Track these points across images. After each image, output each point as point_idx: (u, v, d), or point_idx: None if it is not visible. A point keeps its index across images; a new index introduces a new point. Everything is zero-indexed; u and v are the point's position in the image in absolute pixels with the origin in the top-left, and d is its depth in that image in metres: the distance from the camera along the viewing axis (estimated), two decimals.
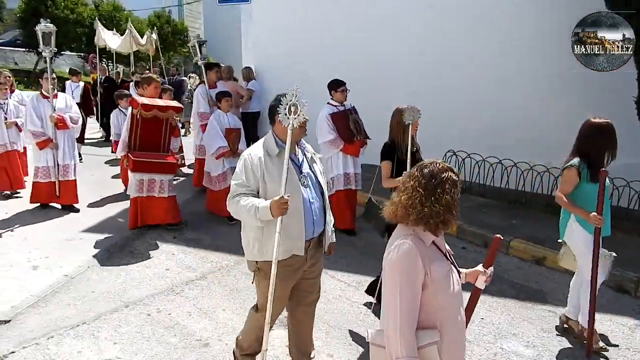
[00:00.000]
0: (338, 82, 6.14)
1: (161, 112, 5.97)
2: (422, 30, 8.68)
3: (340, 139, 6.07)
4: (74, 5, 19.95)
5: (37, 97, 6.80)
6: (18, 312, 4.26)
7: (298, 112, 2.86)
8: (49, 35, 6.72)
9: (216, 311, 4.40)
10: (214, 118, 6.59)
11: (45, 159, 6.71)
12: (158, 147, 6.09)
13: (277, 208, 2.81)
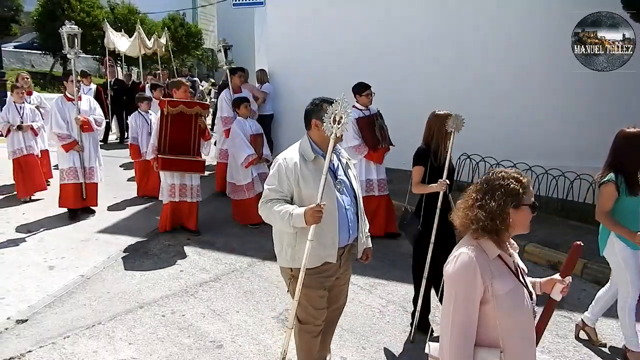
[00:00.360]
0: (363, 85, 6.00)
1: (187, 108, 5.92)
2: (436, 34, 8.67)
3: (365, 145, 5.97)
4: (90, 9, 20.19)
5: (62, 100, 6.72)
6: (35, 311, 4.31)
7: (342, 122, 2.75)
8: (74, 37, 6.65)
9: (230, 313, 4.42)
10: (236, 126, 6.46)
11: (72, 160, 6.64)
12: (188, 150, 6.01)
13: (312, 216, 2.74)
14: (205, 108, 6.30)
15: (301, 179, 2.93)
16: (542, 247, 5.76)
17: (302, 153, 3.00)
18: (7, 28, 17.54)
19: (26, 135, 7.52)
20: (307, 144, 3.03)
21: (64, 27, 6.63)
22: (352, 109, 5.79)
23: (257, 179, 6.42)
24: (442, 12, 8.57)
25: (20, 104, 7.58)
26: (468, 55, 8.41)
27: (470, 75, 8.39)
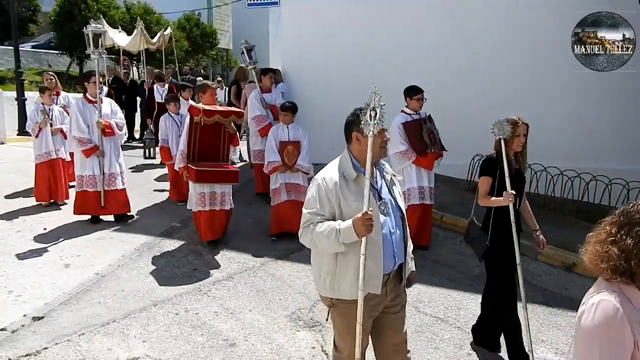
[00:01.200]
0: (415, 88, 5.76)
1: (223, 117, 5.67)
2: (448, 35, 8.62)
3: (412, 151, 5.72)
4: (106, 9, 20.38)
5: (83, 102, 6.43)
6: (51, 309, 4.37)
7: (378, 115, 2.51)
8: (98, 36, 6.42)
9: (242, 312, 4.44)
10: (271, 131, 6.26)
11: (92, 167, 6.34)
12: (217, 156, 5.84)
13: (362, 225, 2.45)
14: (240, 116, 6.03)
15: (342, 200, 2.66)
16: (556, 248, 5.70)
17: (343, 171, 2.73)
18: (25, 28, 17.81)
19: (55, 138, 7.21)
20: (347, 160, 2.75)
21: (89, 26, 6.35)
22: (400, 113, 5.79)
23: (282, 188, 6.07)
24: (454, 14, 8.52)
25: (49, 106, 7.31)
26: (479, 57, 8.36)
27: (481, 77, 8.35)
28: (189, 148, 5.64)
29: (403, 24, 9.03)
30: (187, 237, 6.16)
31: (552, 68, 7.78)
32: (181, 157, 5.70)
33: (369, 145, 2.53)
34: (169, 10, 24.48)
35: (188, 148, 5.64)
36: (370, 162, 2.54)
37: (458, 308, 4.57)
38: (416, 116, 5.79)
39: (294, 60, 10.27)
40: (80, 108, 6.36)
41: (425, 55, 8.85)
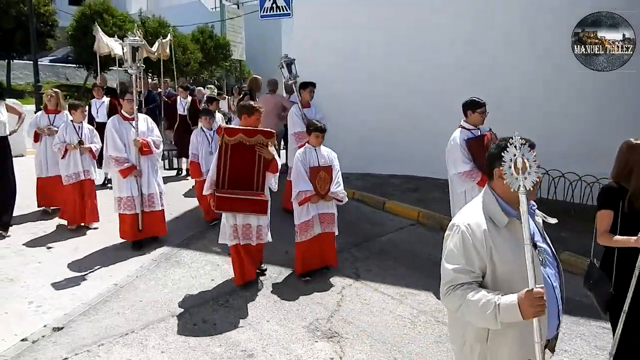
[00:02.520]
0: (476, 102, 5.30)
1: (247, 137, 4.91)
2: (463, 44, 8.60)
3: (477, 170, 5.15)
4: (122, 23, 20.67)
5: (118, 119, 6.05)
6: (70, 319, 4.40)
7: (528, 169, 2.11)
8: (137, 50, 6.02)
9: (260, 322, 4.43)
10: (299, 155, 5.34)
11: (129, 187, 5.95)
12: (250, 184, 5.01)
13: (531, 306, 2.00)
14: (270, 137, 5.06)
15: (495, 251, 2.19)
16: (577, 255, 5.62)
17: (490, 215, 2.26)
18: (44, 43, 18.13)
19: (84, 157, 6.79)
20: (493, 202, 2.29)
21: (127, 39, 5.98)
22: (460, 129, 5.36)
23: (315, 220, 5.27)
24: (471, 18, 8.50)
25: (79, 124, 6.88)
26: (493, 63, 8.33)
27: (495, 83, 8.32)
28: (219, 173, 4.95)
29: (417, 34, 9.03)
30: (204, 248, 6.18)
31: (567, 72, 7.72)
32: (209, 183, 5.02)
33: (521, 205, 2.09)
34: (183, 23, 24.76)
35: (217, 173, 4.95)
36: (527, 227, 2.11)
37: None
38: (476, 131, 5.33)
39: (307, 70, 10.31)
40: (116, 126, 5.99)
41: (440, 62, 8.83)
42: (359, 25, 9.52)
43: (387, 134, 9.13)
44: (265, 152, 5.01)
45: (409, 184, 8.79)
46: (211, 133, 7.20)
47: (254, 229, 5.10)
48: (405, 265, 5.73)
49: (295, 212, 5.34)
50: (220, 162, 4.94)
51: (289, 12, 10.84)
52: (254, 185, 5.04)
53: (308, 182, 5.22)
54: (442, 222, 7.01)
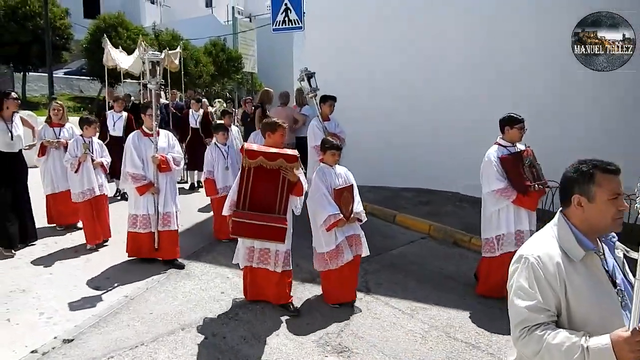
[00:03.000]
0: (514, 118, 5.08)
1: (268, 161, 4.59)
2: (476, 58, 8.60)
3: (512, 188, 4.96)
4: (136, 36, 20.91)
5: (138, 135, 5.91)
6: (81, 331, 4.40)
7: None
8: (157, 64, 5.87)
9: (270, 336, 4.40)
10: (318, 177, 4.93)
11: (146, 205, 5.80)
12: (272, 208, 4.68)
13: (631, 351, 1.72)
14: (293, 161, 4.68)
15: (570, 288, 1.96)
16: None
17: (564, 247, 2.03)
18: (59, 56, 18.40)
19: (97, 172, 6.68)
20: (567, 232, 2.04)
21: (146, 54, 5.87)
22: (495, 146, 5.15)
23: (344, 245, 4.88)
24: (484, 34, 8.50)
25: (89, 138, 6.75)
26: (506, 72, 8.32)
27: (508, 92, 8.30)
28: (240, 194, 4.67)
29: (427, 47, 9.05)
30: (214, 260, 6.17)
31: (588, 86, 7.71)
32: (229, 204, 4.73)
33: None
34: (196, 36, 25.03)
35: (239, 194, 4.66)
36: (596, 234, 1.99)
37: (490, 334, 4.45)
38: (513, 148, 5.11)
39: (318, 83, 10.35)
40: (136, 142, 5.83)
41: (449, 77, 8.84)
42: (369, 39, 9.57)
43: (398, 147, 9.12)
44: (290, 175, 4.65)
45: (421, 197, 8.75)
46: (226, 148, 7.05)
47: (272, 254, 4.80)
48: (416, 279, 5.69)
49: (320, 239, 4.86)
50: (242, 183, 4.66)
51: (300, 25, 10.93)
52: (276, 208, 4.69)
53: (334, 204, 4.79)
54: (454, 236, 6.97)
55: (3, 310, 4.79)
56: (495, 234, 5.09)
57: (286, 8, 10.84)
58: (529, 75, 8.20)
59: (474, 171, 5.86)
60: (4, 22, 17.17)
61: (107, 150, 7.00)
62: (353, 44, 9.70)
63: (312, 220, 4.92)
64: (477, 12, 8.55)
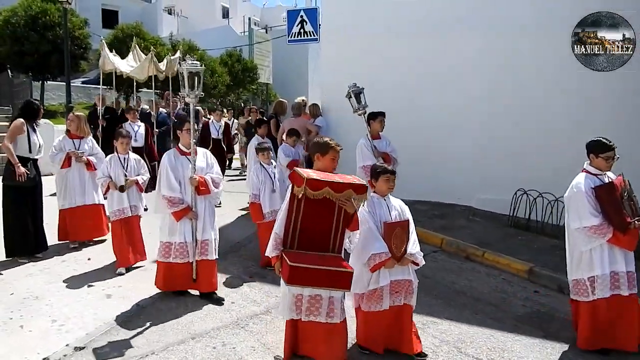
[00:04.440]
0: (603, 144, 4.43)
1: (336, 192, 3.73)
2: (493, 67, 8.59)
3: (608, 225, 4.26)
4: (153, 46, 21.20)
5: (175, 153, 5.32)
6: (92, 339, 4.42)
7: None
8: (195, 76, 5.21)
9: (280, 347, 4.37)
10: (368, 210, 4.19)
11: (182, 232, 5.19)
12: (325, 245, 3.93)
13: None
14: (363, 192, 3.80)
15: None
16: None
17: None
18: (77, 65, 18.67)
19: (130, 192, 6.21)
20: None
21: (184, 64, 5.18)
22: (584, 174, 4.52)
23: (385, 291, 4.11)
24: (500, 45, 8.49)
25: (125, 155, 6.30)
26: (526, 89, 8.30)
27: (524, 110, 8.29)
28: (287, 229, 3.88)
29: (443, 60, 9.05)
30: (224, 270, 6.17)
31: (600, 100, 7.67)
32: (275, 242, 3.88)
33: None
34: (212, 47, 25.30)
35: (286, 230, 3.88)
36: None
37: (502, 349, 4.40)
38: (603, 177, 4.46)
39: (333, 95, 10.39)
40: (172, 162, 5.24)
41: (467, 90, 8.82)
42: (384, 52, 9.59)
43: (413, 160, 9.10)
44: (349, 206, 3.82)
45: (435, 211, 8.71)
46: (272, 168, 6.42)
47: (324, 301, 3.89)
48: (427, 293, 5.64)
49: (359, 276, 4.09)
50: (290, 216, 3.87)
51: (316, 37, 11.01)
52: (330, 246, 3.93)
53: (382, 241, 4.06)
54: (466, 250, 6.92)
55: (16, 317, 4.84)
56: (589, 275, 4.36)
57: (302, 20, 10.93)
58: (544, 90, 8.17)
59: (488, 185, 5.84)
60: (25, 31, 17.50)
61: (145, 167, 6.58)
62: (368, 56, 9.72)
63: (355, 255, 4.21)
64: (491, 27, 8.54)
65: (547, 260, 6.30)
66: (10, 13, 17.80)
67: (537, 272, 6.03)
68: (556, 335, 4.68)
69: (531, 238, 7.33)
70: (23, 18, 17.60)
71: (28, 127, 6.28)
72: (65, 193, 6.96)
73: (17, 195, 6.26)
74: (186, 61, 5.21)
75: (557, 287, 5.72)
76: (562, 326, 4.86)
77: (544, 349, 4.43)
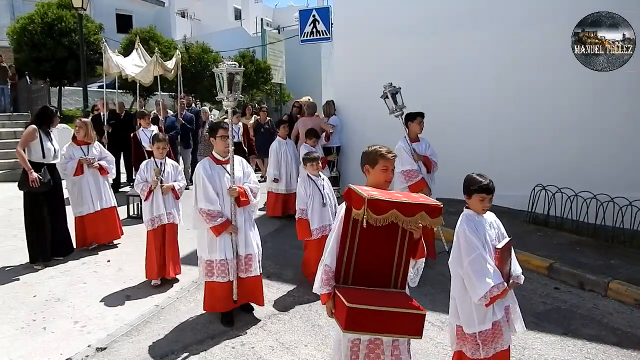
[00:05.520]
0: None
1: (405, 216, 2.90)
2: (503, 65, 8.52)
3: None
4: (167, 49, 21.37)
5: (210, 163, 4.81)
6: (113, 340, 4.48)
7: None
8: (233, 77, 4.72)
9: (298, 346, 4.40)
10: (468, 229, 3.44)
11: (223, 248, 4.70)
12: (387, 279, 3.17)
13: None
14: (438, 214, 2.97)
15: None
16: (628, 284, 5.37)
17: None
18: (93, 70, 18.87)
19: (167, 199, 5.87)
20: None
21: (222, 65, 4.69)
22: None
23: (503, 322, 3.43)
24: (509, 44, 8.42)
25: (162, 160, 6.00)
26: (538, 88, 8.21)
27: (541, 107, 8.19)
28: (339, 260, 3.11)
29: (455, 57, 9.00)
30: None
31: (618, 91, 7.56)
32: (326, 277, 3.10)
33: None
34: (225, 49, 25.40)
35: (338, 261, 3.11)
36: None
37: (523, 347, 4.35)
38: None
39: (346, 93, 10.41)
40: (208, 172, 4.73)
41: (479, 88, 8.76)
42: (396, 50, 9.55)
43: None
44: (416, 231, 3.07)
45: (451, 207, 8.61)
46: (321, 180, 5.83)
47: (386, 347, 3.08)
48: (444, 291, 5.55)
49: (470, 314, 3.39)
50: (344, 245, 3.10)
51: (328, 36, 11.03)
52: (392, 280, 3.18)
53: (497, 271, 3.32)
54: None
55: (39, 318, 4.92)
56: None
57: (314, 19, 10.95)
58: (553, 86, 8.08)
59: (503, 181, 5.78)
60: (42, 38, 17.75)
61: (182, 174, 6.26)
62: (382, 51, 9.70)
63: (458, 287, 3.48)
64: (500, 23, 8.48)
65: (567, 256, 6.22)
66: (27, 21, 18.07)
67: (557, 269, 5.95)
68: (577, 332, 4.62)
69: (550, 234, 7.25)
70: (39, 25, 17.86)
71: (41, 133, 6.31)
72: (81, 200, 6.97)
73: (33, 200, 6.32)
74: (224, 62, 4.72)
75: (578, 284, 5.65)
76: (584, 323, 4.80)
77: (565, 346, 4.38)
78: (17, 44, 18.18)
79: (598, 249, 6.53)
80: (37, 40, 17.76)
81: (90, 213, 6.97)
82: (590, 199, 6.99)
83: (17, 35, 18.01)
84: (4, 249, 6.97)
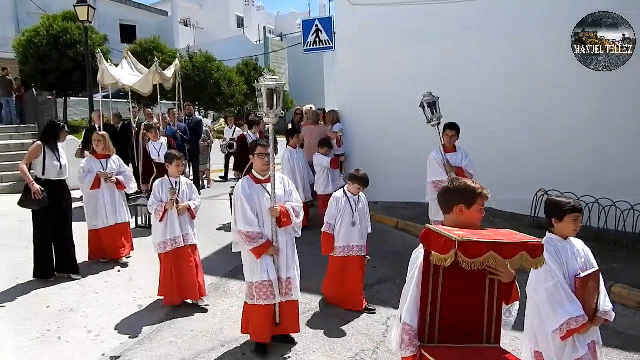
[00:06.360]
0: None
1: (505, 258, 2.44)
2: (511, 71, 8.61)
3: None
4: (171, 59, 21.58)
5: (249, 182, 4.53)
6: (126, 348, 4.59)
7: None
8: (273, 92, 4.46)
9: (307, 352, 4.50)
10: (548, 254, 3.03)
11: (265, 270, 4.41)
12: (479, 334, 2.73)
13: None
14: (539, 253, 2.49)
15: None
16: (631, 287, 5.45)
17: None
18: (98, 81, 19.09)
19: (183, 219, 5.54)
20: None
21: (262, 80, 4.47)
22: None
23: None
24: (518, 49, 8.52)
25: (176, 179, 5.67)
26: (543, 92, 8.30)
27: (545, 110, 8.28)
28: (422, 315, 2.69)
29: (458, 64, 9.09)
30: None
31: (621, 95, 7.64)
32: (408, 337, 2.67)
33: None
34: (228, 57, 25.62)
35: (421, 316, 2.69)
36: None
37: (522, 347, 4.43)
38: None
39: (350, 101, 10.51)
40: (247, 191, 4.46)
41: (489, 92, 8.84)
42: (399, 58, 9.66)
43: None
44: (505, 275, 2.66)
45: None
46: (355, 199, 5.52)
47: None
48: None
49: (548, 348, 3.16)
50: (426, 297, 2.68)
51: (331, 45, 11.15)
52: (484, 334, 2.73)
53: (577, 301, 3.07)
54: None
55: (54, 329, 5.03)
56: None
57: (317, 29, 11.07)
58: (563, 92, 8.17)
59: (507, 186, 5.87)
60: (47, 50, 17.97)
61: (197, 192, 5.95)
62: (385, 59, 9.81)
63: (533, 313, 3.25)
64: (507, 30, 8.57)
65: None
66: (33, 33, 18.28)
67: None
68: None
69: None
70: (45, 38, 18.07)
71: (46, 149, 6.29)
72: (95, 214, 7.00)
73: (37, 219, 6.31)
74: (264, 77, 4.49)
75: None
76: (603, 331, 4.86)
77: None
78: (23, 56, 18.39)
79: (601, 253, 6.57)
80: (43, 53, 17.96)
81: (105, 227, 7.01)
82: (593, 203, 7.07)
83: (23, 48, 18.23)
84: (17, 261, 7.09)
